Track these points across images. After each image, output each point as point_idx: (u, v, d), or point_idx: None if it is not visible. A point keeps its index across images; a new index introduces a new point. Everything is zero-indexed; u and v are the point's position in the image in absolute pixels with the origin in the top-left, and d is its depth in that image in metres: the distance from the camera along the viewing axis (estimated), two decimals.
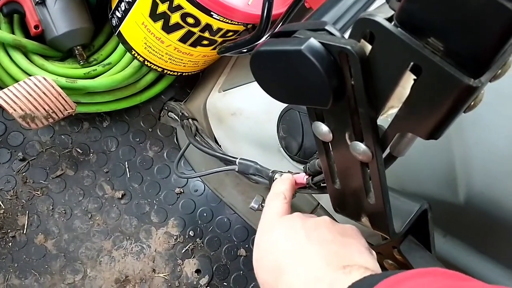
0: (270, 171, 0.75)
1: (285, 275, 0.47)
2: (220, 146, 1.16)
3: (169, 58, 1.10)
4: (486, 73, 0.32)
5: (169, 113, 1.29)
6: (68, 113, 1.05)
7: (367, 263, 0.46)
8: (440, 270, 0.39)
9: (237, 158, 0.83)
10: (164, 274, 1.27)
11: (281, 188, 0.60)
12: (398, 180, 0.72)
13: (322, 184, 0.61)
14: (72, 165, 1.27)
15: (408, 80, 0.35)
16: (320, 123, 0.46)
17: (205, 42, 1.03)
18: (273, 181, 0.74)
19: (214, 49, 1.07)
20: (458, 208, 0.67)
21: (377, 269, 0.46)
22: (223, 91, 1.15)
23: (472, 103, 0.35)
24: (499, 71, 0.34)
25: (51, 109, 1.01)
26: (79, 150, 1.28)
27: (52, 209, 1.23)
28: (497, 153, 0.61)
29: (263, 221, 0.56)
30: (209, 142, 1.09)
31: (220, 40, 1.03)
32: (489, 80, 0.33)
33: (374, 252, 0.51)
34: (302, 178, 0.63)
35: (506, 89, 0.59)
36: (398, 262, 0.61)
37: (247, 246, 1.36)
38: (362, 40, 0.36)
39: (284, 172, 0.69)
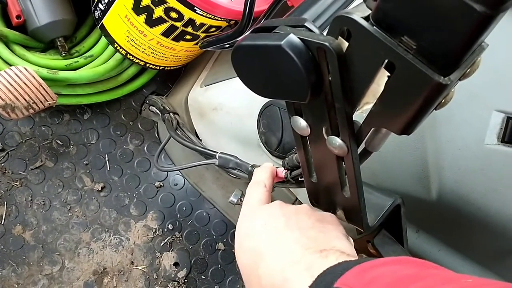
0: (250, 165, 0.76)
1: (264, 260, 0.48)
2: (200, 140, 1.17)
3: (151, 52, 1.10)
4: (456, 71, 0.33)
5: (151, 107, 1.30)
6: (49, 104, 1.04)
7: (344, 247, 0.47)
8: (411, 258, 0.41)
9: (217, 152, 0.84)
10: (142, 267, 1.27)
11: (261, 177, 0.61)
12: (374, 176, 0.74)
13: (300, 179, 0.62)
14: (51, 157, 1.26)
15: (382, 77, 0.36)
16: (298, 117, 0.47)
17: (188, 37, 1.04)
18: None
19: (196, 44, 1.07)
20: (430, 204, 0.69)
21: (354, 254, 0.47)
22: (205, 86, 1.16)
23: (443, 101, 0.37)
24: (468, 70, 0.35)
25: (32, 99, 1.01)
26: (59, 142, 1.27)
27: (31, 200, 1.23)
28: (467, 151, 0.63)
29: (244, 208, 0.56)
30: (190, 136, 1.09)
31: (203, 35, 1.04)
32: (459, 79, 0.35)
33: (351, 239, 0.52)
34: (281, 172, 0.64)
35: (477, 88, 0.61)
36: (371, 256, 0.62)
37: (225, 240, 1.36)
38: (340, 37, 0.38)
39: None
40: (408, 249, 0.73)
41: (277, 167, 0.66)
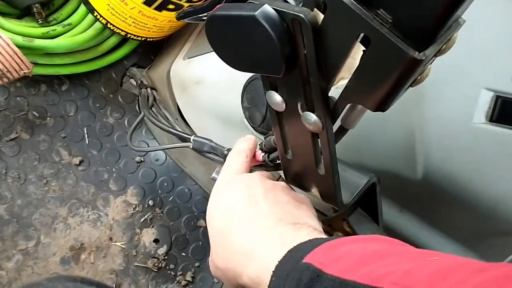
0: (225, 149, 0.76)
1: (238, 225, 0.50)
2: (182, 115, 1.15)
3: (133, 22, 1.07)
4: (431, 47, 0.33)
5: (131, 79, 1.27)
6: (24, 73, 1.01)
7: (314, 224, 0.50)
8: (379, 236, 0.42)
9: (191, 135, 0.83)
10: (121, 243, 1.26)
11: (243, 146, 0.62)
12: (359, 154, 0.73)
13: (277, 161, 0.62)
14: (27, 129, 1.23)
15: (358, 51, 0.36)
16: (273, 92, 0.47)
17: (171, 6, 1.01)
18: None
19: None
20: (415, 183, 0.69)
21: (321, 230, 0.50)
22: (188, 58, 1.14)
23: (419, 77, 0.37)
24: (444, 46, 0.35)
25: (6, 68, 0.98)
26: (35, 114, 1.24)
27: (5, 173, 1.20)
28: (453, 129, 0.63)
29: (223, 175, 0.58)
30: (166, 114, 1.08)
31: (186, 5, 1.01)
32: (435, 55, 0.34)
33: (320, 223, 0.54)
34: (258, 155, 0.64)
35: (466, 66, 0.60)
36: (347, 234, 0.63)
37: None
38: (316, 9, 0.37)
39: None
40: (391, 228, 0.74)
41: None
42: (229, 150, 0.74)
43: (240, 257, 0.47)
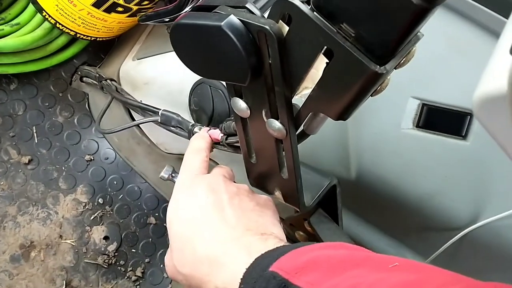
0: (190, 124, 0.76)
1: (203, 231, 0.48)
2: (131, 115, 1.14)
3: (82, 22, 1.05)
4: (391, 61, 0.35)
5: (84, 78, 1.25)
6: None
7: (279, 234, 0.50)
8: (343, 244, 0.43)
9: (160, 109, 0.83)
10: (71, 240, 1.25)
11: (201, 145, 0.60)
12: (306, 156, 0.76)
13: (235, 144, 0.62)
14: None
15: (321, 63, 0.37)
16: (238, 99, 0.47)
17: (120, 9, 1.00)
18: (192, 134, 0.75)
19: (129, 16, 1.04)
20: (351, 183, 0.73)
21: (285, 240, 0.49)
22: (138, 59, 1.13)
23: (379, 88, 0.38)
24: (403, 59, 0.37)
25: None
26: None
27: None
28: (384, 135, 0.68)
29: (183, 176, 0.56)
30: (130, 97, 1.07)
31: (135, 8, 1.00)
32: (394, 68, 0.36)
33: (281, 224, 0.54)
34: (218, 134, 0.63)
35: (395, 76, 0.64)
36: (308, 233, 0.65)
37: (157, 214, 1.35)
38: (280, 21, 0.38)
39: (203, 126, 0.71)
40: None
41: (215, 128, 0.65)
42: (193, 125, 0.75)
43: (207, 265, 0.46)
